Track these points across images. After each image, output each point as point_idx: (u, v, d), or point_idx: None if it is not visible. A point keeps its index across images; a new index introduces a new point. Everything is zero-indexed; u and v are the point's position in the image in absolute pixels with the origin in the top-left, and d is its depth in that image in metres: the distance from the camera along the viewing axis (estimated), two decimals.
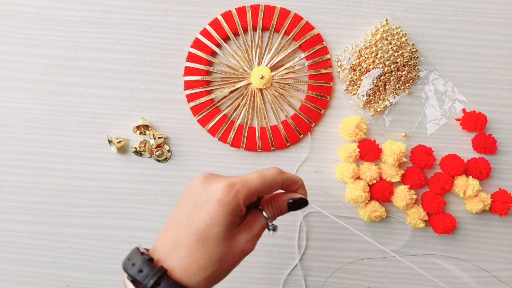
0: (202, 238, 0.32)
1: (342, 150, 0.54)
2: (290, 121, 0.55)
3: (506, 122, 0.56)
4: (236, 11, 0.54)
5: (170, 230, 0.34)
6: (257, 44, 0.55)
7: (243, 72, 0.55)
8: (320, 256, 0.55)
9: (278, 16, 0.54)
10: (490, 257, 0.56)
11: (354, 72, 0.54)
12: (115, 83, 0.55)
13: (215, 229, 0.32)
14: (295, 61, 0.55)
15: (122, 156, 0.55)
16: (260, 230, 0.35)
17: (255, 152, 0.55)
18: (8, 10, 0.55)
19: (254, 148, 0.55)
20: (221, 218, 0.32)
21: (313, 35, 0.54)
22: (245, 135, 0.55)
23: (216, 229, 0.32)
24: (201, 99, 0.54)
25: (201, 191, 0.34)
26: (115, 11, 0.55)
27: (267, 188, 0.35)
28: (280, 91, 0.55)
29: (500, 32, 0.55)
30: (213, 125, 0.55)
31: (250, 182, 0.34)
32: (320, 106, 0.55)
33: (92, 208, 0.56)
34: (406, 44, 0.54)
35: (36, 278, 0.56)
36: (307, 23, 0.54)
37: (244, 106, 0.55)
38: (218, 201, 0.32)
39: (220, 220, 0.32)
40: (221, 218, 0.32)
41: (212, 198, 0.32)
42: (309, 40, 0.54)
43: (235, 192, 0.33)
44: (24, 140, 0.55)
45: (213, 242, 0.32)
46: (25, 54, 0.55)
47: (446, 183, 0.53)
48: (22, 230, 0.56)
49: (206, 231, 0.32)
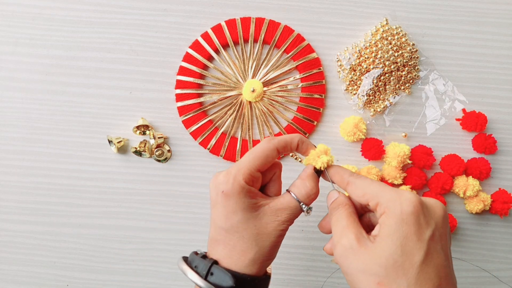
0: (229, 229, 0.35)
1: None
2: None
3: (506, 122, 0.56)
4: (240, 20, 0.54)
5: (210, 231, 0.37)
6: (255, 56, 0.54)
7: (236, 82, 0.55)
8: (320, 256, 0.55)
9: (281, 33, 0.54)
10: (490, 257, 0.56)
11: (354, 72, 0.54)
12: (115, 83, 0.55)
13: (235, 217, 0.34)
14: (289, 80, 0.55)
15: (122, 156, 0.55)
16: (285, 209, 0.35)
17: (234, 162, 0.55)
18: (8, 10, 0.55)
19: (233, 159, 0.55)
20: (233, 206, 0.34)
21: (311, 58, 0.54)
22: (226, 144, 0.55)
23: (236, 217, 0.34)
24: (190, 100, 0.54)
25: (212, 189, 0.36)
26: (115, 11, 0.55)
27: (263, 159, 0.35)
28: (269, 107, 0.55)
29: (500, 32, 0.55)
30: (197, 128, 0.54)
31: (242, 162, 0.35)
32: (305, 129, 0.55)
33: (92, 208, 0.56)
34: (406, 44, 0.54)
35: (36, 278, 0.56)
36: (308, 45, 0.54)
37: (230, 115, 0.55)
38: (222, 192, 0.34)
39: (234, 208, 0.34)
40: (234, 206, 0.34)
41: (218, 193, 0.35)
42: (307, 62, 0.54)
43: (232, 177, 0.34)
44: (24, 140, 0.55)
45: (240, 228, 0.34)
46: (25, 54, 0.55)
47: (446, 183, 0.53)
48: (22, 230, 0.56)
49: (229, 222, 0.34)
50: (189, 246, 0.56)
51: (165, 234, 0.56)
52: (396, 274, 0.28)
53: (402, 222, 0.29)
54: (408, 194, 0.30)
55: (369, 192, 0.32)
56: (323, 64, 0.55)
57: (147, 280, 0.56)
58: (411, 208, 0.29)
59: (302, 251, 0.56)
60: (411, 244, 0.29)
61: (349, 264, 0.30)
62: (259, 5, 0.55)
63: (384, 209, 0.30)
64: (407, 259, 0.28)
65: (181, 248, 0.56)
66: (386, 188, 0.32)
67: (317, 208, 0.49)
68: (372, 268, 0.29)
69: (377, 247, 0.29)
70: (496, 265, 0.56)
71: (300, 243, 0.55)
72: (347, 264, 0.30)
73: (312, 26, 0.55)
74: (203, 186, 0.55)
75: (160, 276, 0.56)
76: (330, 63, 0.55)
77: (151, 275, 0.56)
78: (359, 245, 0.30)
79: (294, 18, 0.55)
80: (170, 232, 0.56)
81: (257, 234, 0.35)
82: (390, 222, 0.30)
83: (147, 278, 0.56)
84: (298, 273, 0.55)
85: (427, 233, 0.29)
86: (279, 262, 0.55)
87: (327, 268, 0.55)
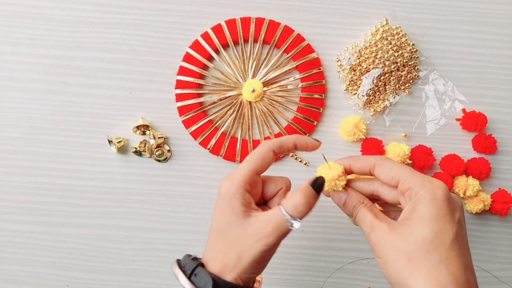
0: (219, 231, 0.35)
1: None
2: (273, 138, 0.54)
3: (506, 122, 0.56)
4: (240, 20, 0.54)
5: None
6: (255, 56, 0.54)
7: (236, 82, 0.55)
8: (320, 256, 0.55)
9: (281, 33, 0.54)
10: (490, 257, 0.56)
11: (354, 72, 0.54)
12: (115, 83, 0.55)
13: (225, 219, 0.34)
14: (289, 80, 0.55)
15: (122, 156, 0.55)
16: (271, 221, 0.33)
17: (234, 162, 0.55)
18: (8, 10, 0.55)
19: (233, 159, 0.55)
20: (225, 208, 0.34)
21: (311, 58, 0.54)
22: (226, 144, 0.54)
23: (225, 220, 0.34)
24: (190, 100, 0.54)
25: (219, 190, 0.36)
26: (115, 11, 0.55)
27: (259, 161, 0.36)
28: (269, 107, 0.55)
29: (500, 32, 0.55)
30: (197, 128, 0.54)
31: (241, 165, 0.36)
32: (305, 129, 0.55)
33: (92, 208, 0.56)
34: (406, 44, 0.54)
35: (36, 278, 0.56)
36: (308, 45, 0.54)
37: (231, 115, 0.55)
38: (220, 193, 0.35)
39: (225, 210, 0.34)
40: (226, 208, 0.34)
41: (219, 193, 0.36)
42: (307, 62, 0.54)
43: (230, 180, 0.35)
44: (24, 140, 0.55)
45: (226, 232, 0.34)
46: (25, 54, 0.55)
47: (446, 183, 0.53)
48: (22, 230, 0.56)
49: (219, 224, 0.35)
50: (189, 246, 0.56)
51: (165, 234, 0.56)
52: (426, 251, 0.31)
53: (433, 207, 0.32)
54: (438, 182, 0.33)
55: (399, 175, 0.34)
56: (323, 64, 0.55)
57: (147, 280, 0.56)
58: (442, 194, 0.32)
59: (302, 251, 0.56)
60: (441, 225, 0.31)
61: (382, 248, 0.33)
62: (259, 5, 0.55)
63: (415, 194, 0.33)
64: (437, 237, 0.31)
65: (181, 248, 0.56)
66: (417, 173, 0.34)
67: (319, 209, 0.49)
68: (405, 246, 0.31)
69: (409, 229, 0.32)
70: (496, 265, 0.56)
71: (300, 243, 0.55)
72: (380, 249, 0.33)
73: (312, 26, 0.55)
74: (203, 186, 0.55)
75: (160, 276, 0.56)
76: (330, 63, 0.55)
77: (151, 275, 0.56)
78: (390, 231, 0.33)
79: (294, 18, 0.55)
80: (170, 232, 0.56)
81: (239, 243, 0.33)
82: (421, 206, 0.32)
83: (147, 278, 0.56)
84: (298, 273, 0.55)
85: (456, 215, 0.32)
86: (279, 262, 0.55)
87: (327, 268, 0.55)
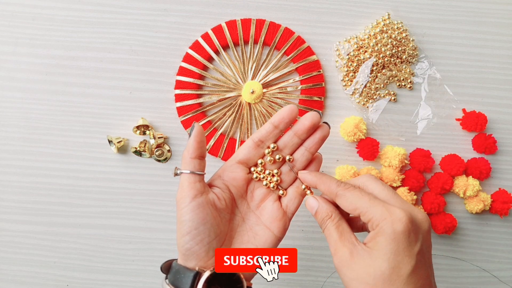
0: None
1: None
2: None
3: (506, 122, 0.56)
4: (241, 22, 0.54)
5: None
6: (255, 57, 0.54)
7: (236, 83, 0.55)
8: (320, 256, 0.55)
9: (281, 35, 0.54)
10: (490, 257, 0.56)
11: (352, 63, 0.54)
12: (115, 83, 0.55)
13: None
14: (289, 82, 0.55)
15: (122, 156, 0.55)
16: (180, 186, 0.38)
17: None
18: (8, 10, 0.55)
19: None
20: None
21: (311, 60, 0.54)
22: (225, 145, 0.55)
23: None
24: (189, 101, 0.54)
25: None
26: (115, 11, 0.55)
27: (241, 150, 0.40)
28: (268, 109, 0.55)
29: (500, 32, 0.55)
30: None
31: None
32: None
33: (92, 208, 0.56)
34: (406, 40, 0.54)
35: (36, 278, 0.56)
36: (308, 48, 0.54)
37: (230, 116, 0.55)
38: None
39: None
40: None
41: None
42: (307, 64, 0.54)
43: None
44: (24, 140, 0.55)
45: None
46: (25, 54, 0.55)
47: (446, 183, 0.53)
48: (22, 230, 0.56)
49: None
50: None
51: (165, 234, 0.56)
52: (383, 284, 0.30)
53: (393, 241, 0.31)
54: (399, 213, 0.31)
55: (359, 206, 0.33)
56: (323, 64, 0.55)
57: (147, 280, 0.56)
58: (402, 227, 0.31)
59: (302, 251, 0.56)
60: (399, 259, 0.30)
61: (344, 274, 0.32)
62: (259, 5, 0.55)
63: (375, 226, 0.32)
64: (394, 272, 0.30)
65: None
66: (377, 204, 0.32)
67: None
68: (364, 278, 0.31)
69: (369, 260, 0.31)
70: (496, 265, 0.56)
71: (300, 243, 0.55)
72: (342, 274, 0.33)
73: (312, 26, 0.55)
74: None
75: (160, 276, 0.56)
76: (329, 63, 0.55)
77: (151, 275, 0.56)
78: (351, 258, 0.32)
79: (294, 18, 0.55)
80: (170, 232, 0.56)
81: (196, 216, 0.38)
82: (381, 239, 0.31)
83: (147, 278, 0.56)
84: (298, 273, 0.55)
85: (415, 248, 0.31)
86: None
87: (327, 268, 0.55)
